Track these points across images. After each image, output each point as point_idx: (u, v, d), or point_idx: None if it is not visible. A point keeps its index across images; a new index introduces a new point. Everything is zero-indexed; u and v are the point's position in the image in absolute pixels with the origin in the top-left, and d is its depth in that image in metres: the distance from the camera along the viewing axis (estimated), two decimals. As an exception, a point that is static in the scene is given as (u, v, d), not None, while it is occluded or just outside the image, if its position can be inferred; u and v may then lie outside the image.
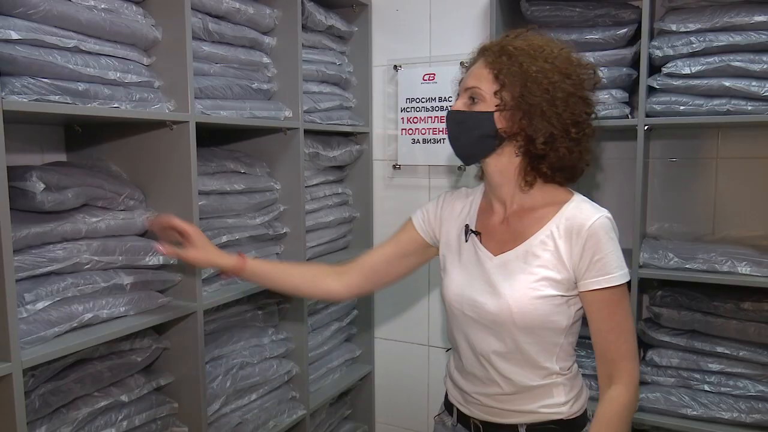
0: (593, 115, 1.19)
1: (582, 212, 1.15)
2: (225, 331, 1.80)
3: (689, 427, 1.77)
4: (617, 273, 1.13)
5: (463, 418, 1.29)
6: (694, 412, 1.77)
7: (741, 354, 1.73)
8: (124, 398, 1.45)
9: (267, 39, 1.85)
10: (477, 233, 1.25)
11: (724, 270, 1.71)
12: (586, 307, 1.17)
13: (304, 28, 1.96)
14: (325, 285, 1.37)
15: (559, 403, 1.20)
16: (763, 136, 1.89)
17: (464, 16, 2.16)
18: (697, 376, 1.80)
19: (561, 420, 1.20)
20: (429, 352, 2.38)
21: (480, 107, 1.17)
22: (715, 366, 1.77)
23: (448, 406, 1.35)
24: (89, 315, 1.32)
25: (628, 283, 1.17)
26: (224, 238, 1.70)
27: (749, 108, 1.67)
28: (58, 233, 1.30)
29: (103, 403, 1.39)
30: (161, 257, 1.49)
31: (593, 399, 1.21)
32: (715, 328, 1.77)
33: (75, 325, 1.29)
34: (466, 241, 1.26)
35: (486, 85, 1.16)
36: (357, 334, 2.44)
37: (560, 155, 1.15)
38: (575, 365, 1.25)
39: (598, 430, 1.14)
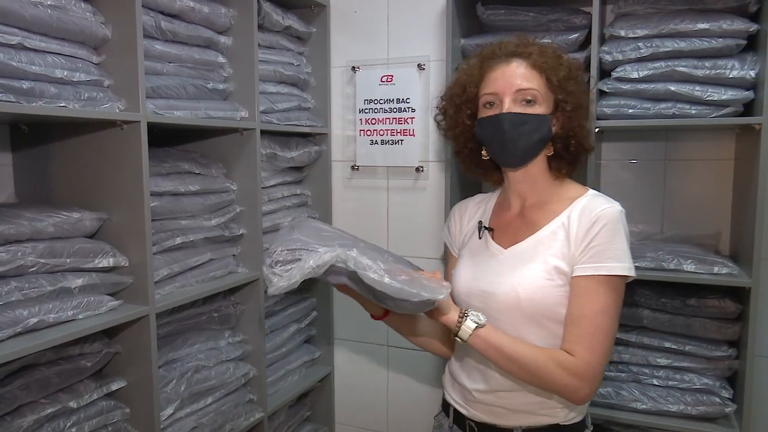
0: None
1: (593, 203, 1.17)
2: (180, 335, 1.77)
3: (639, 420, 1.82)
4: (610, 264, 1.11)
5: (459, 419, 1.28)
6: (644, 406, 1.82)
7: (687, 348, 1.79)
8: (72, 404, 1.41)
9: (222, 38, 1.83)
10: (490, 229, 1.28)
11: (671, 268, 1.76)
12: (571, 292, 1.13)
13: (261, 28, 1.95)
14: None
15: (557, 406, 1.19)
16: (706, 139, 1.96)
17: (421, 18, 2.18)
18: (647, 370, 1.86)
19: (557, 425, 1.19)
20: (388, 352, 2.39)
21: (537, 110, 1.17)
22: (663, 361, 1.83)
23: (445, 406, 1.34)
24: (35, 319, 1.28)
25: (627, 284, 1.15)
26: (178, 240, 1.67)
27: (693, 112, 1.73)
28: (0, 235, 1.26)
29: (50, 410, 1.36)
30: (112, 259, 1.46)
31: (596, 404, 1.15)
32: (663, 324, 1.82)
33: (19, 330, 1.25)
34: (480, 237, 1.29)
35: (540, 87, 1.17)
36: (316, 336, 2.43)
37: (587, 150, 1.24)
38: None
39: (504, 341, 1.11)
